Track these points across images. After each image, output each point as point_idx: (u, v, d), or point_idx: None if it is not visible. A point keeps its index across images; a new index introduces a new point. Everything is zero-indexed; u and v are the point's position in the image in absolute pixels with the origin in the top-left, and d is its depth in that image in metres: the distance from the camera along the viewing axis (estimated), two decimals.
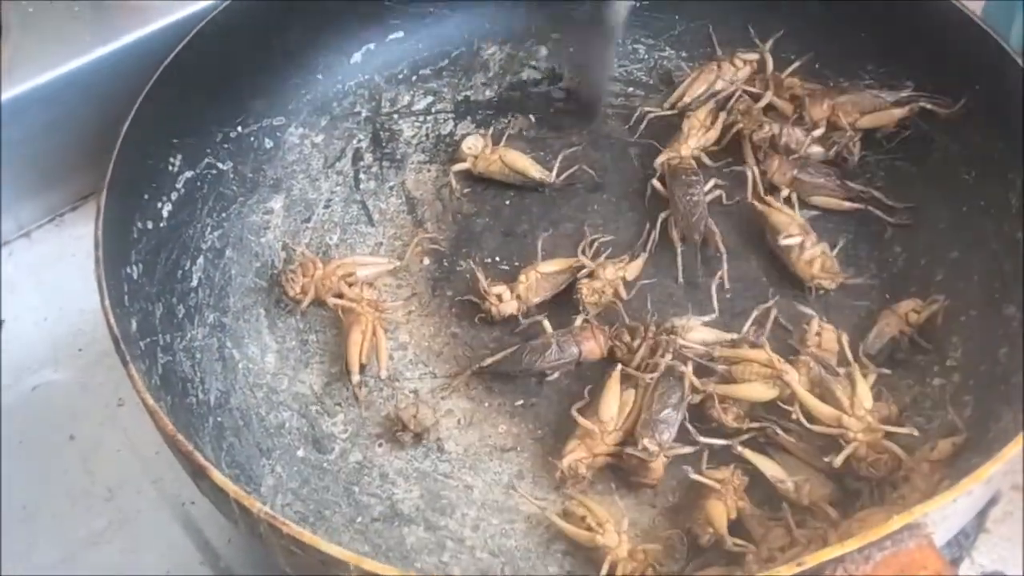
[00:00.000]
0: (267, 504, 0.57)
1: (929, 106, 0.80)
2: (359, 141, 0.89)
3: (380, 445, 0.72)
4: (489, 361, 0.74)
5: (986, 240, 0.75)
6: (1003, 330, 0.71)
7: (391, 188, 0.87)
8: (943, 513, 0.54)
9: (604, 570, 0.64)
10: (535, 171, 0.85)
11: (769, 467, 0.68)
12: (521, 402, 0.74)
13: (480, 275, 0.78)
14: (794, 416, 0.69)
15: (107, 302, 0.63)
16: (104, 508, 0.75)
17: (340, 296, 0.77)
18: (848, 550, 0.52)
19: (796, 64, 0.87)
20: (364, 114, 0.90)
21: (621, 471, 0.70)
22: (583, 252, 0.79)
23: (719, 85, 0.87)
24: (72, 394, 0.81)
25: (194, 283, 0.77)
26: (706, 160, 0.85)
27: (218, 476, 0.56)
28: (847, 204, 0.81)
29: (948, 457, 0.66)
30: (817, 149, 0.83)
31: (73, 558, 0.72)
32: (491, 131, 0.88)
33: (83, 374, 0.82)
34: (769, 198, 0.81)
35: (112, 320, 0.63)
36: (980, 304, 0.74)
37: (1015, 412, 0.63)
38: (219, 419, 0.71)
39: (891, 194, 0.81)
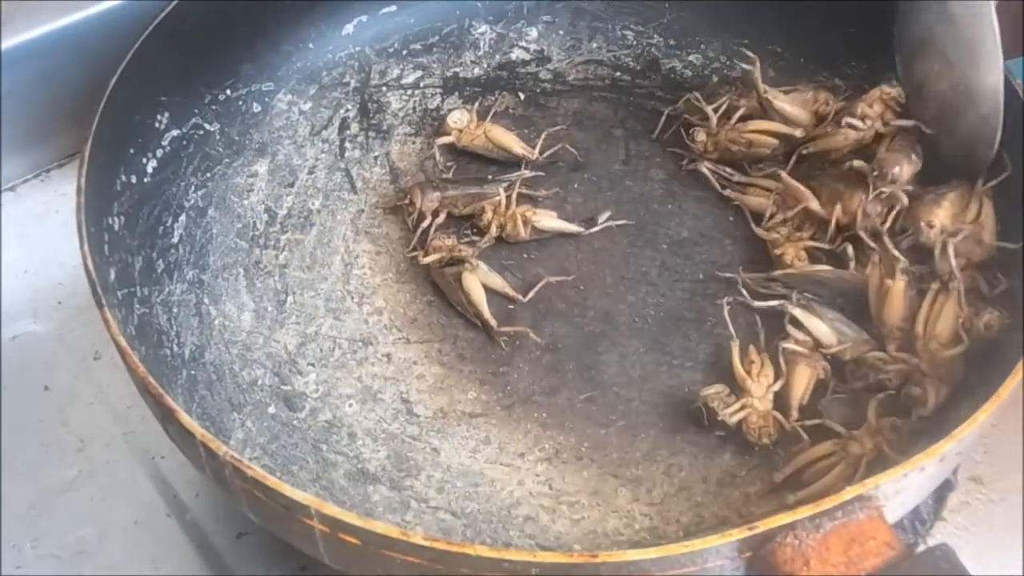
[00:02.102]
0: None
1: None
2: (347, 111, 0.90)
3: (350, 406, 0.73)
4: None
5: None
6: None
7: (375, 158, 0.87)
8: (895, 487, 0.55)
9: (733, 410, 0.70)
10: (518, 147, 0.86)
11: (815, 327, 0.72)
12: (492, 371, 0.75)
13: None
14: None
15: (86, 247, 0.64)
16: (75, 458, 0.76)
17: None
18: (799, 517, 0.54)
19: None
20: (353, 85, 0.91)
21: None
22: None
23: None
24: (49, 346, 0.81)
25: (175, 239, 0.78)
26: None
27: (185, 418, 0.56)
28: None
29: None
30: None
31: (43, 504, 0.73)
32: (477, 107, 0.89)
33: (61, 327, 0.82)
34: None
35: (90, 265, 0.63)
36: None
37: (973, 401, 0.64)
38: (192, 372, 0.72)
39: None
